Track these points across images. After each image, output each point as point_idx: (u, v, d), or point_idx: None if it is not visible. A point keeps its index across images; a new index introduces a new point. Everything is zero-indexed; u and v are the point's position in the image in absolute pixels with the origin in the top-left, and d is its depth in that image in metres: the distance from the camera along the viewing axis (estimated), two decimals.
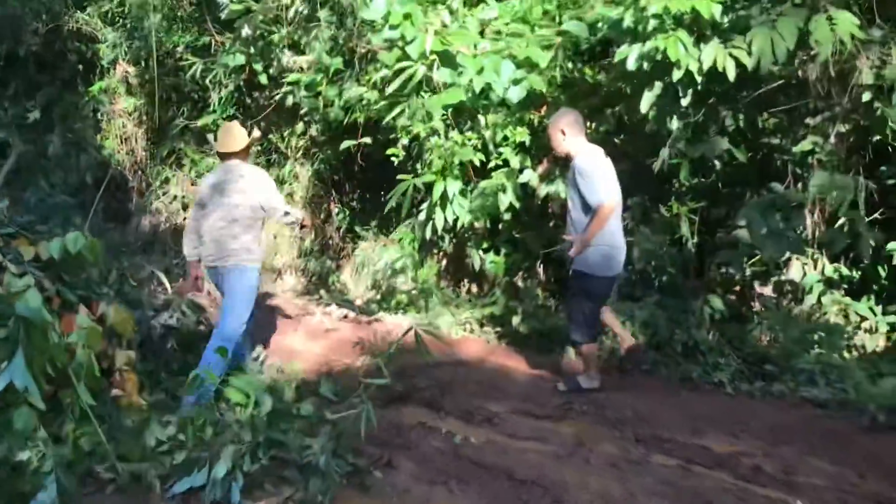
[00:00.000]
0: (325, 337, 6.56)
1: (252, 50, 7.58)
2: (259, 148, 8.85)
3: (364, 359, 5.85)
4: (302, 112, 7.95)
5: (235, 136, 4.86)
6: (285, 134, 8.98)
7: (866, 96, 4.62)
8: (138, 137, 9.65)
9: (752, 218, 4.74)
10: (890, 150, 5.36)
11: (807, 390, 4.85)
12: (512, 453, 3.91)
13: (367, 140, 7.09)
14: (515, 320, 6.10)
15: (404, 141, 6.56)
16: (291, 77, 6.86)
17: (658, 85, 4.59)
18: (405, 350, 6.22)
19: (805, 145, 4.83)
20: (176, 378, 4.56)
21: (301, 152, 8.97)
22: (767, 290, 6.69)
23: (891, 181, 5.13)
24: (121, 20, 9.01)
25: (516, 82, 3.60)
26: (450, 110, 5.90)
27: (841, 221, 4.89)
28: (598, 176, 4.73)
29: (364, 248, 8.55)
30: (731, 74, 4.34)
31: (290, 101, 7.63)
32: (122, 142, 9.43)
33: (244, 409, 3.59)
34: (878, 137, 5.02)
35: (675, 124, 4.88)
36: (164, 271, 8.23)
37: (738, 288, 6.14)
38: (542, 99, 5.79)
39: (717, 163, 5.30)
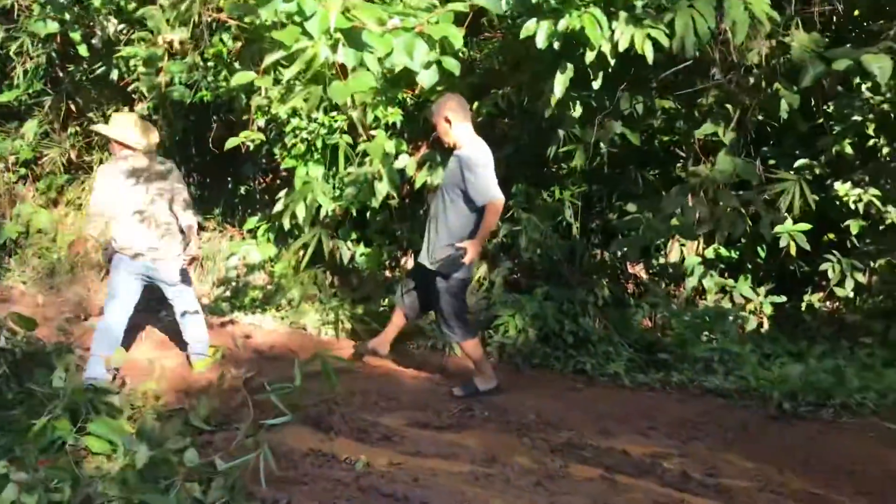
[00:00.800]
0: (175, 346, 5.84)
1: (67, 16, 6.59)
2: (77, 129, 7.84)
3: (227, 370, 5.24)
4: (130, 89, 7.05)
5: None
6: (108, 113, 7.99)
7: (757, 77, 4.61)
8: None
9: (677, 204, 4.62)
10: (769, 129, 5.46)
11: (706, 379, 4.83)
12: (424, 479, 3.52)
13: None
14: None
15: (260, 122, 5.94)
16: (127, 51, 6.01)
17: (570, 67, 4.32)
18: (274, 357, 5.80)
19: (707, 128, 4.77)
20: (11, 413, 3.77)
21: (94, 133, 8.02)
22: (643, 274, 6.74)
23: (772, 161, 5.19)
24: None
25: (428, 65, 3.20)
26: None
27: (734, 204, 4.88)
28: (490, 171, 4.45)
29: (208, 241, 7.79)
30: (650, 56, 4.15)
31: (114, 75, 6.75)
32: None
33: (110, 460, 2.96)
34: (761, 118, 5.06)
35: (578, 110, 4.65)
36: None
37: (618, 273, 6.10)
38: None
39: (602, 146, 5.14)
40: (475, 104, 5.50)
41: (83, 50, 6.87)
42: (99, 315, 5.86)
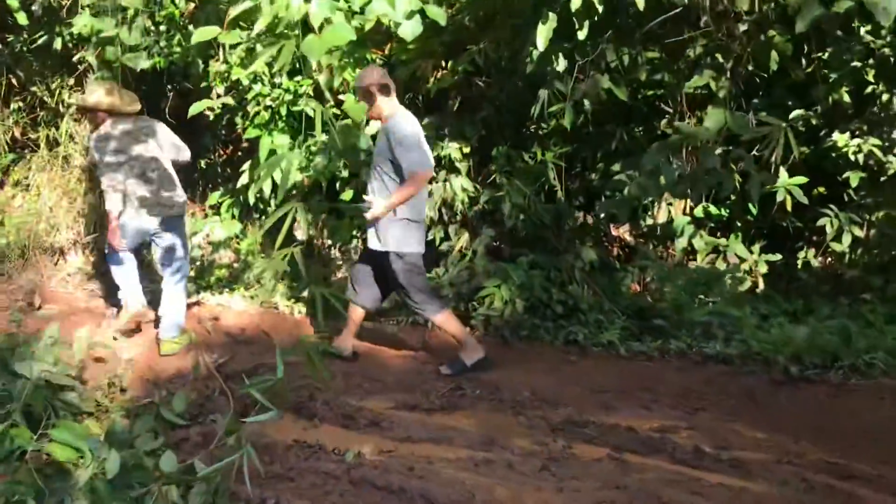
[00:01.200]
0: (141, 331, 5.51)
1: None
2: (21, 104, 7.37)
3: (198, 356, 4.94)
4: (76, 59, 6.61)
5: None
6: (53, 86, 7.52)
7: (749, 24, 4.38)
8: None
9: (656, 161, 4.38)
10: (758, 81, 5.24)
11: (707, 345, 4.65)
12: (419, 467, 3.30)
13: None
14: None
15: (219, 90, 5.58)
16: (79, 23, 5.58)
17: (552, 17, 4.03)
18: (247, 340, 5.51)
19: (698, 80, 4.53)
20: None
21: (76, 108, 7.56)
22: (627, 237, 6.55)
23: (762, 114, 4.98)
24: None
25: (411, 15, 2.91)
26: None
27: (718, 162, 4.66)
28: (417, 141, 4.39)
29: None
30: (641, 2, 3.89)
31: (57, 44, 6.31)
32: None
33: (78, 469, 2.67)
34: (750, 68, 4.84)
35: (562, 63, 4.37)
36: None
37: (602, 237, 5.89)
38: (389, 36, 5.07)
39: (586, 103, 4.88)
40: (449, 63, 5.20)
41: (22, 18, 6.40)
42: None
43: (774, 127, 4.24)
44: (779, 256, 5.46)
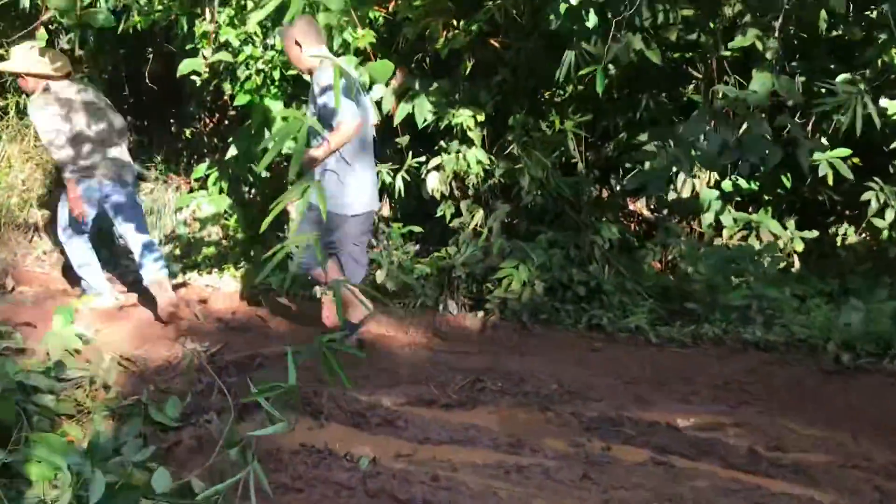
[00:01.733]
0: (121, 317, 5.14)
1: None
2: None
3: (186, 344, 4.59)
4: (45, 19, 6.16)
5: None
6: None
7: None
8: None
9: (699, 130, 4.03)
10: (797, 42, 4.89)
11: (745, 331, 4.33)
12: (444, 477, 2.98)
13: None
14: (380, 274, 5.07)
15: (206, 52, 5.16)
16: None
17: None
18: (240, 326, 5.16)
19: (742, 41, 4.16)
20: None
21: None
22: (645, 212, 6.24)
23: (802, 79, 4.64)
24: None
25: None
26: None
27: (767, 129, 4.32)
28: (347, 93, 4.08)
29: (150, 192, 7.01)
30: None
31: (25, 2, 5.87)
32: None
33: (55, 490, 2.34)
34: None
35: (592, 19, 3.99)
36: None
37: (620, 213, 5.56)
38: None
39: (611, 67, 4.51)
40: (461, 21, 4.81)
41: None
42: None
43: (845, 96, 3.83)
44: (815, 233, 5.15)
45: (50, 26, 6.49)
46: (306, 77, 4.38)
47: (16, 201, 6.53)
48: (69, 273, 5.50)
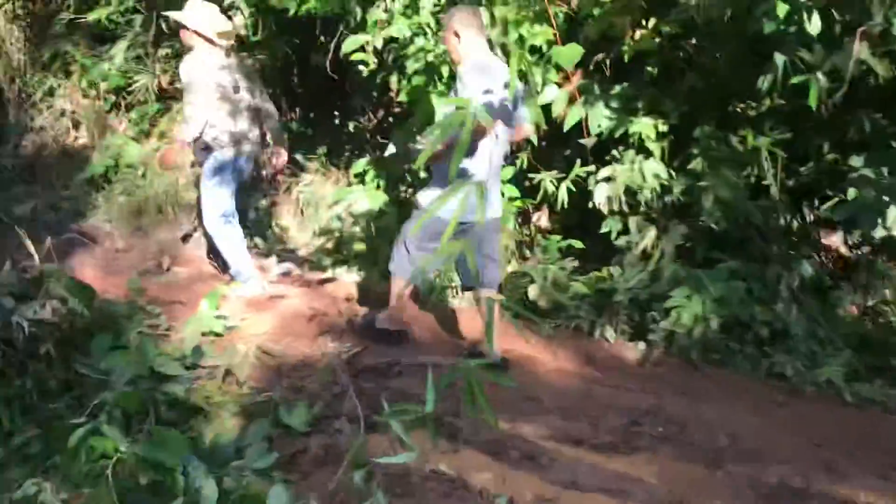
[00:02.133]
0: (268, 307, 5.04)
1: None
2: (168, 51, 7.17)
3: (327, 343, 4.41)
4: (227, 2, 6.25)
5: None
6: None
7: None
8: (13, 37, 7.83)
9: None
10: None
11: None
12: None
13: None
14: (532, 291, 4.71)
15: (377, 42, 5.00)
16: None
17: None
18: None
19: None
20: (54, 406, 3.01)
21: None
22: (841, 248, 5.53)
23: None
24: None
25: None
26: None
27: None
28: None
29: (310, 184, 7.00)
30: None
31: None
32: None
33: (156, 495, 2.14)
34: None
35: (816, 23, 3.44)
36: (51, 208, 6.66)
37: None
38: None
39: (822, 77, 3.91)
40: (650, 21, 4.37)
41: None
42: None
43: None
44: None
45: (230, 11, 6.61)
46: (455, 69, 4.13)
47: (184, 182, 6.69)
48: (217, 258, 5.49)
